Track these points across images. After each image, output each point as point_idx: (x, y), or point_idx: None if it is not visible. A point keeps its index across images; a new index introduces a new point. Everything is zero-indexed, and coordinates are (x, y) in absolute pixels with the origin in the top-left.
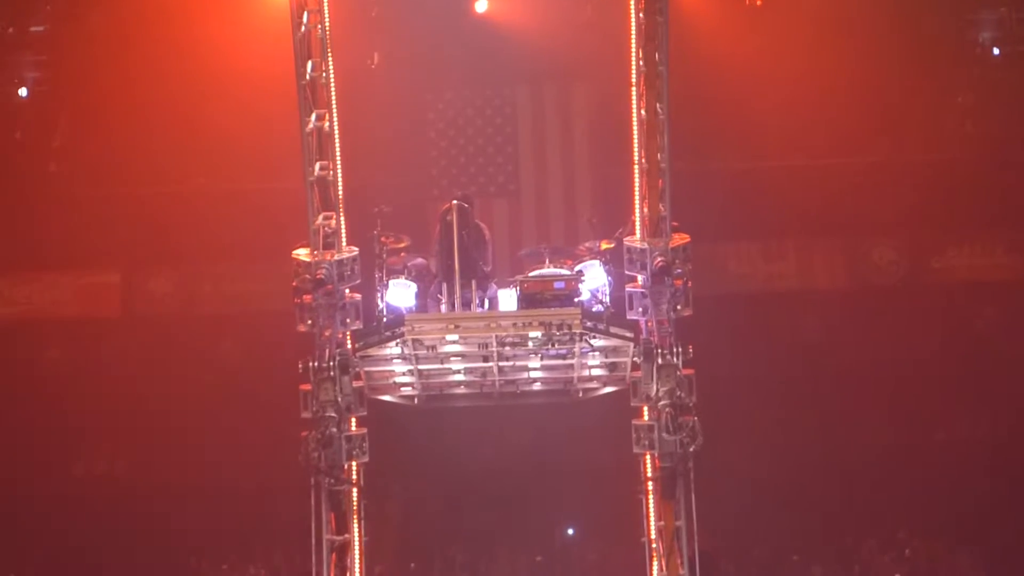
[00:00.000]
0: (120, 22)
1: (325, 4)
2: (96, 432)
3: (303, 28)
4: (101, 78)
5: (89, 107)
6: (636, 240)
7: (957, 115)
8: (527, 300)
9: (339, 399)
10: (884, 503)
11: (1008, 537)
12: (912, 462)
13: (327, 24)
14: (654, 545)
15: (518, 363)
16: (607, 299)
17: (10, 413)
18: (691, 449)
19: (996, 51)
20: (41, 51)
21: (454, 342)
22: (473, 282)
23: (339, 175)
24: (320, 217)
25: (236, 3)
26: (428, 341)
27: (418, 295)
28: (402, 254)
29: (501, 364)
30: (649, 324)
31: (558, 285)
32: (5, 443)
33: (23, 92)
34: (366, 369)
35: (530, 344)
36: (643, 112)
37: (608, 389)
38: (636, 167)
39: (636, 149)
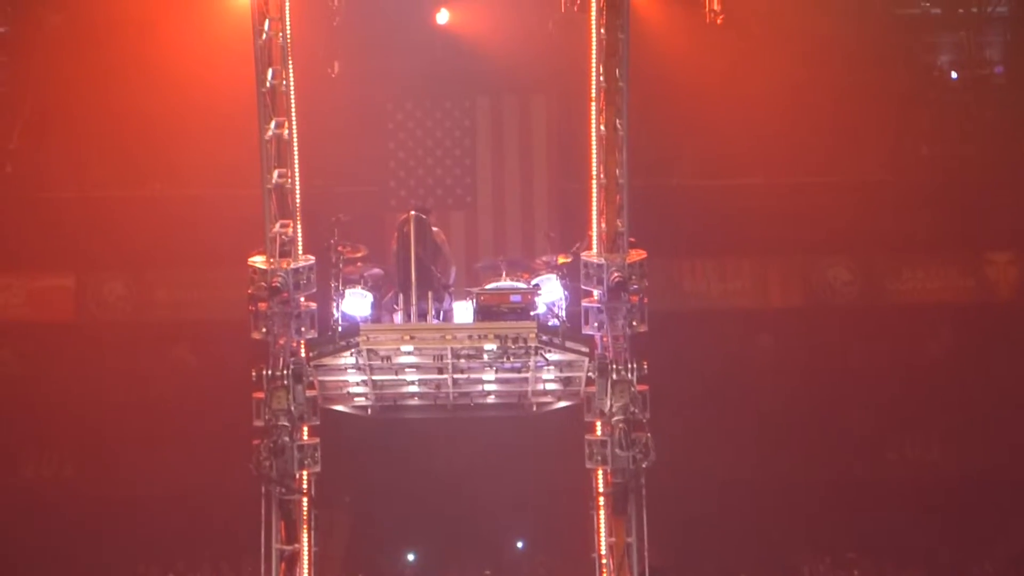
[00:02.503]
0: (81, 26)
1: (286, 12)
2: (46, 436)
3: (264, 35)
4: (60, 81)
5: (47, 109)
6: (593, 255)
7: (914, 137)
8: (483, 312)
9: (292, 408)
10: (834, 523)
11: (956, 558)
12: (864, 483)
13: (288, 32)
14: (604, 561)
15: (472, 375)
16: (563, 313)
17: None
18: (643, 465)
19: (954, 75)
20: (1, 52)
21: (409, 353)
22: (429, 293)
23: (297, 183)
24: (277, 225)
25: (197, 9)
26: (383, 352)
27: (374, 305)
28: (359, 264)
29: (455, 376)
30: (604, 339)
31: (514, 298)
32: None
33: None
34: (320, 378)
35: (485, 357)
36: (602, 127)
37: (562, 403)
38: (594, 182)
39: (594, 164)
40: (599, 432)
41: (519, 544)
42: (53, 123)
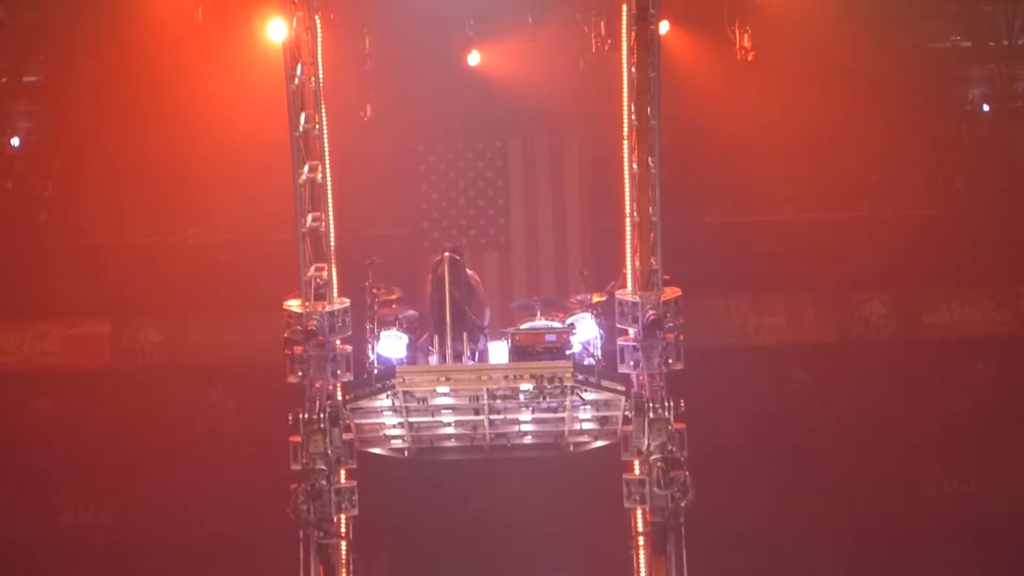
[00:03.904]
0: (113, 73)
1: (319, 56)
2: (84, 482)
3: (297, 80)
4: (93, 128)
5: (81, 157)
6: (627, 293)
7: (947, 171)
8: (518, 353)
9: (329, 451)
10: (874, 558)
11: None
12: (902, 518)
13: (320, 76)
14: None
15: (509, 416)
16: (598, 352)
17: None
18: (682, 504)
19: (986, 108)
20: (34, 101)
21: (445, 394)
22: (464, 334)
23: (331, 226)
24: (312, 268)
25: (230, 54)
26: (419, 393)
27: (409, 347)
28: (393, 306)
29: (492, 417)
30: (640, 378)
31: (549, 338)
32: None
33: (15, 142)
34: (356, 421)
35: (521, 397)
36: (635, 166)
37: (599, 443)
38: (627, 220)
39: (627, 202)
40: (637, 471)
41: None
42: (87, 171)
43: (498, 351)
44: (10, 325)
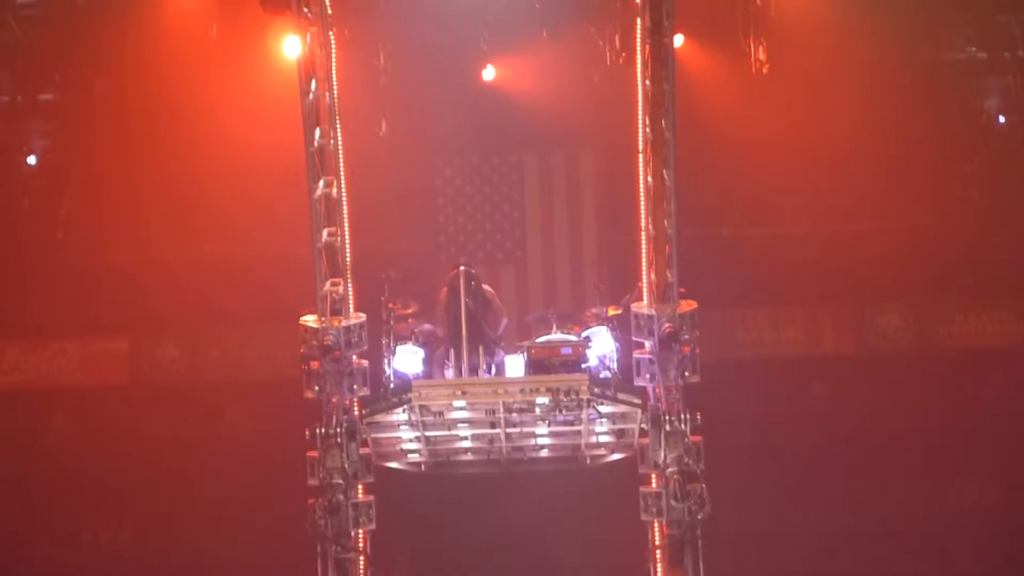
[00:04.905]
0: (128, 90)
1: (333, 72)
2: (103, 500)
3: (311, 96)
4: (109, 145)
5: (97, 175)
6: (643, 306)
7: (963, 182)
8: (534, 366)
9: (346, 466)
10: (893, 569)
11: None
12: (922, 530)
13: (335, 92)
14: None
15: (525, 429)
16: (614, 365)
17: (17, 481)
18: (699, 516)
19: (1001, 119)
20: (50, 120)
21: (461, 408)
22: (480, 348)
23: (347, 241)
24: (328, 283)
25: (244, 71)
26: (435, 407)
27: (425, 361)
28: (409, 320)
29: (508, 430)
30: (657, 390)
31: (565, 351)
32: (12, 511)
33: (32, 160)
34: (373, 436)
35: (537, 410)
36: (650, 179)
37: (616, 456)
38: (643, 233)
39: (643, 216)
40: (654, 484)
41: None
42: (102, 188)
43: (514, 364)
44: (28, 343)
